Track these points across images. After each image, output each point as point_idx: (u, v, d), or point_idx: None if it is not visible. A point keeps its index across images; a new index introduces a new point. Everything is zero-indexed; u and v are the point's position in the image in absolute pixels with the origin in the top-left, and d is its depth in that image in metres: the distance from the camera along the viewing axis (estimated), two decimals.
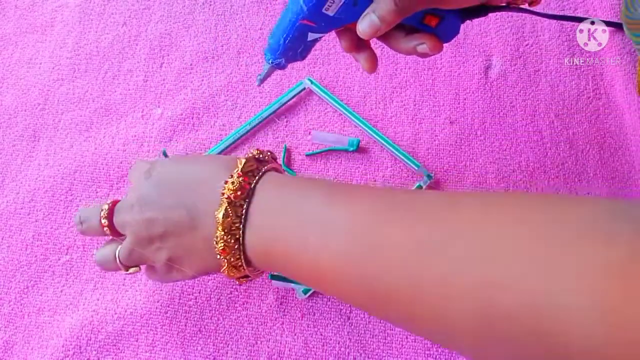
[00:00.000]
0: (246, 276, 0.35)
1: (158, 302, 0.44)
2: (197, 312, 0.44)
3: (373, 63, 0.36)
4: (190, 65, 0.54)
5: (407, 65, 0.53)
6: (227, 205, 0.31)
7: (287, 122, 0.51)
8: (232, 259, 0.32)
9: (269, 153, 0.37)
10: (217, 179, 0.33)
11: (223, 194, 0.32)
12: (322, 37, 0.35)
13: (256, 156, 0.35)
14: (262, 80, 0.39)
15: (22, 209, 0.48)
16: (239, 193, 0.32)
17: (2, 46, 0.56)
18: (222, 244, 0.31)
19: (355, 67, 0.53)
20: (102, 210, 0.37)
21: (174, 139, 0.51)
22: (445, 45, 0.34)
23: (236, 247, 0.32)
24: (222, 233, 0.31)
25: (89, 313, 0.44)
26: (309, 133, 0.50)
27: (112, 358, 0.42)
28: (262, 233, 0.32)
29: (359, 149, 0.49)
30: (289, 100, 0.51)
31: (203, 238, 0.33)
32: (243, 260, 0.33)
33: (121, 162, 0.50)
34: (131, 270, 0.37)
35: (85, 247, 0.46)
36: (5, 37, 0.57)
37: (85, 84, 0.54)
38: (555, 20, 0.54)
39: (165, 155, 0.47)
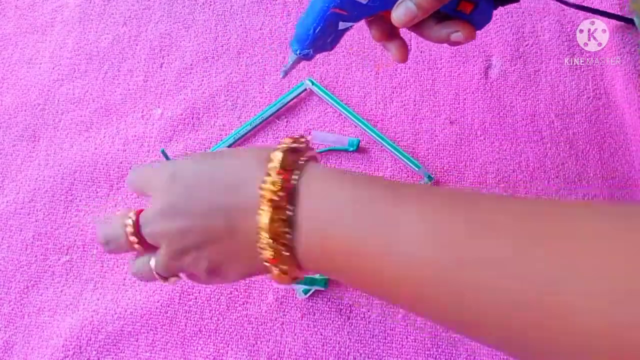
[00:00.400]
0: (295, 277, 0.31)
1: (158, 302, 0.44)
2: (197, 312, 0.44)
3: (404, 52, 0.34)
4: (190, 65, 0.54)
5: (407, 65, 0.53)
6: (269, 208, 0.27)
7: (287, 122, 0.51)
8: (283, 267, 0.29)
9: (302, 139, 0.32)
10: (252, 178, 0.29)
11: (263, 195, 0.28)
12: (353, 25, 0.33)
13: (291, 146, 0.30)
14: (286, 72, 0.37)
15: (22, 209, 0.48)
16: (281, 193, 0.28)
17: (2, 46, 0.56)
18: (271, 252, 0.28)
19: (356, 67, 0.53)
20: (126, 226, 0.33)
21: (174, 139, 0.51)
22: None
23: (287, 254, 0.28)
24: (270, 240, 0.28)
25: (89, 313, 0.44)
26: (309, 133, 0.50)
27: (112, 358, 0.42)
28: (316, 238, 0.28)
29: (359, 149, 0.49)
30: (289, 101, 0.51)
31: (245, 244, 0.29)
32: (295, 267, 0.29)
33: (121, 162, 0.50)
34: (171, 280, 0.34)
35: (85, 247, 0.46)
36: (5, 37, 0.57)
37: (85, 84, 0.54)
38: (555, 21, 0.54)
39: (164, 154, 0.47)
